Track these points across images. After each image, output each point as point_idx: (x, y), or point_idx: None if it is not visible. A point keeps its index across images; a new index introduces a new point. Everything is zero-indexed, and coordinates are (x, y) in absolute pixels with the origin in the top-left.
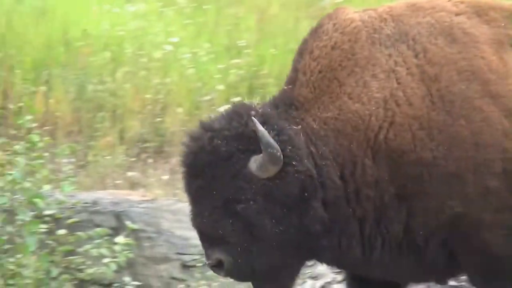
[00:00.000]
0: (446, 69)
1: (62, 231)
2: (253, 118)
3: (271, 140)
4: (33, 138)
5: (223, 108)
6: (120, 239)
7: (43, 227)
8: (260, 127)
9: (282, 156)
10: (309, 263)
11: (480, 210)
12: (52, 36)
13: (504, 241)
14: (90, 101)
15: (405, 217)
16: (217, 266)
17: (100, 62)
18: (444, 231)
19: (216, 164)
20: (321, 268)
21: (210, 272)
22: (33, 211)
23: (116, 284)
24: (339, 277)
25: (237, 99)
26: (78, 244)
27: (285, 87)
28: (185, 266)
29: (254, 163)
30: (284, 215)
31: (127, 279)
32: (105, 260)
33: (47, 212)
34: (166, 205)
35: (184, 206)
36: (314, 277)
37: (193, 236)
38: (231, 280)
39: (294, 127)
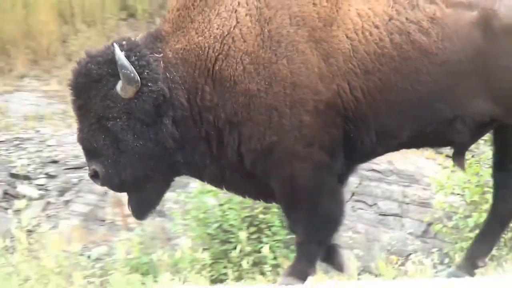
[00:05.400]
0: (280, 13)
1: None
2: (114, 44)
3: (126, 62)
4: None
5: None
6: None
7: None
8: (118, 51)
9: (137, 77)
10: None
11: (294, 142)
12: None
13: (308, 174)
14: None
15: (236, 143)
16: (94, 176)
17: None
18: (263, 158)
19: (90, 86)
20: None
21: None
22: None
23: None
24: None
25: None
26: None
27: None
28: None
29: (119, 85)
30: (143, 131)
31: None
32: None
33: None
34: None
35: None
36: None
37: None
38: None
39: (156, 55)
